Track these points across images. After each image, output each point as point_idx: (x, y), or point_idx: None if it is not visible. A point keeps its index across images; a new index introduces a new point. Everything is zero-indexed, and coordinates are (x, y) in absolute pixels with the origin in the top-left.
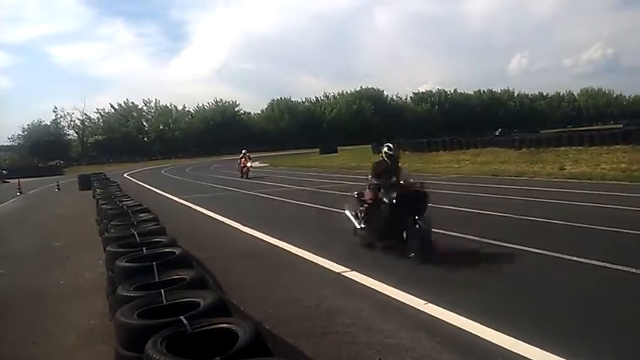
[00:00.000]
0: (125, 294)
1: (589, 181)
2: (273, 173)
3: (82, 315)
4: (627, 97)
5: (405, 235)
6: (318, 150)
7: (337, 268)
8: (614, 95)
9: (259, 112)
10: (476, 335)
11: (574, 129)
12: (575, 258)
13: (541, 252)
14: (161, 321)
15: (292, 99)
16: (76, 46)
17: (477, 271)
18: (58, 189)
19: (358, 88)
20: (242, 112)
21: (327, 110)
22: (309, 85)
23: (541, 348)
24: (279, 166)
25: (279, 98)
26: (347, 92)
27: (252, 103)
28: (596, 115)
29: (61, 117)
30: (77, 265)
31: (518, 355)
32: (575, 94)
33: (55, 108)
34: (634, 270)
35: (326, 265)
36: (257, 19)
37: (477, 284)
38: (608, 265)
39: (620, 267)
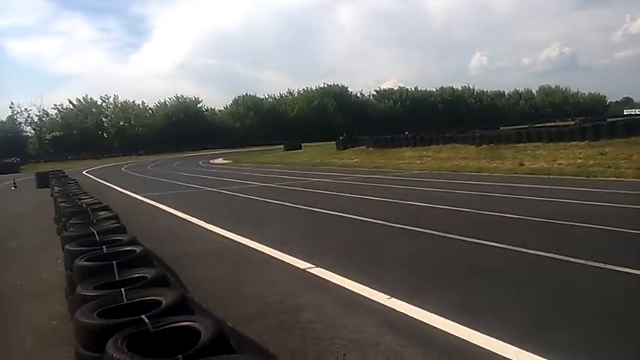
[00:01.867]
0: (84, 293)
1: (547, 176)
2: (236, 170)
3: (40, 316)
4: (584, 95)
5: None
6: (282, 146)
7: (302, 264)
8: (571, 92)
9: (223, 108)
10: (438, 328)
11: (532, 125)
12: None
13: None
14: (122, 320)
15: (257, 95)
16: (34, 41)
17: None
18: (15, 187)
19: (322, 85)
20: (205, 108)
21: (290, 107)
22: (274, 82)
23: (497, 338)
24: (242, 162)
25: (243, 94)
26: (311, 89)
27: (216, 99)
28: (553, 112)
29: (17, 113)
30: (35, 264)
31: (477, 345)
32: (534, 92)
33: (12, 104)
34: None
35: (290, 262)
36: (220, 15)
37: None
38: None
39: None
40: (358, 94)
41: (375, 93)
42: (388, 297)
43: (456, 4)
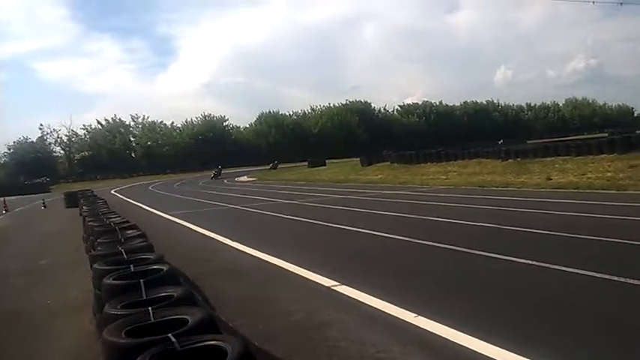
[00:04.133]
0: (112, 312)
1: (576, 190)
2: (261, 188)
3: (69, 334)
4: (612, 107)
5: None
6: (306, 163)
7: (327, 282)
8: (599, 105)
9: (248, 125)
10: (465, 347)
11: (560, 139)
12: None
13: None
14: (149, 339)
15: (280, 112)
16: (63, 62)
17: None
18: (44, 207)
19: (345, 101)
20: (231, 126)
21: (314, 123)
22: (298, 99)
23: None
24: (267, 180)
25: (267, 112)
26: (334, 105)
27: (241, 116)
28: (581, 125)
29: (47, 134)
30: (64, 283)
31: None
32: (560, 105)
33: (41, 125)
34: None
35: (315, 280)
36: (244, 33)
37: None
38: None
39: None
40: (382, 110)
41: (399, 108)
42: (415, 315)
43: (479, 18)
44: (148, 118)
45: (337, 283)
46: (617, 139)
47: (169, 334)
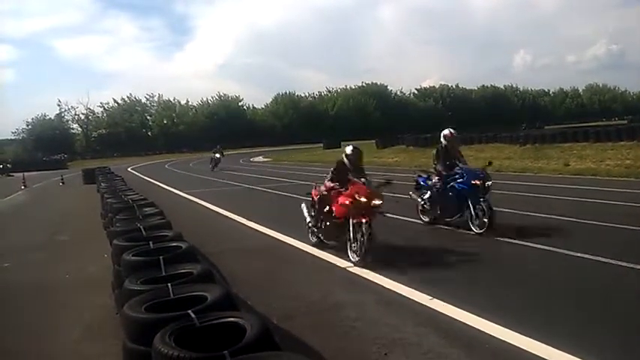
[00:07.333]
0: (132, 288)
1: (594, 177)
2: (276, 169)
3: (87, 308)
4: (632, 94)
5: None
6: (321, 145)
7: (342, 263)
8: (620, 91)
9: (263, 106)
10: (480, 330)
11: (579, 125)
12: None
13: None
14: (169, 315)
15: (296, 94)
16: (81, 40)
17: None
18: (62, 183)
19: (362, 84)
20: (246, 106)
21: (330, 105)
22: (313, 80)
23: (547, 344)
24: (282, 161)
25: (283, 93)
26: (350, 87)
27: (257, 97)
28: (601, 111)
29: (65, 111)
30: (82, 258)
31: (523, 350)
32: (580, 90)
33: (59, 102)
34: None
35: (331, 260)
36: (261, 13)
37: None
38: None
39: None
40: (398, 92)
41: (415, 91)
42: (430, 298)
43: (498, 1)
44: (162, 96)
45: (352, 265)
46: (637, 127)
47: (189, 311)
